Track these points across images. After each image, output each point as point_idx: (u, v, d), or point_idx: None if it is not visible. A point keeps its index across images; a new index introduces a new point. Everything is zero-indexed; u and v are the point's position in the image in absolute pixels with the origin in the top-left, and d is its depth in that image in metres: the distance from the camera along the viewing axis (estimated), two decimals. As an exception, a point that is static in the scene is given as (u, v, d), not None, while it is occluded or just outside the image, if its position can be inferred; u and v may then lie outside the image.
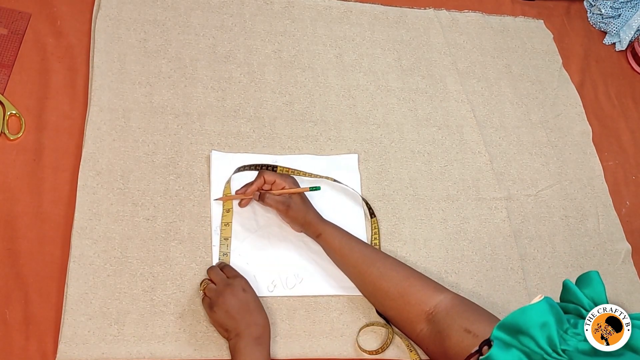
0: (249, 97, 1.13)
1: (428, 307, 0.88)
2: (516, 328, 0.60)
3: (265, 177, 0.97)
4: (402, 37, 1.29)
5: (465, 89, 1.26)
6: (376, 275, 0.92)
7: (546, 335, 0.58)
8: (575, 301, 0.63)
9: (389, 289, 0.91)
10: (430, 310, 0.87)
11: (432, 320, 0.87)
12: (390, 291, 0.91)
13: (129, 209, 0.98)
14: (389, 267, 0.93)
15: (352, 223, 1.03)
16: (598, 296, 0.63)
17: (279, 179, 0.97)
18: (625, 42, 1.42)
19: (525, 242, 1.13)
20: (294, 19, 1.24)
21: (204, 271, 0.96)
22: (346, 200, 1.07)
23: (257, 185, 0.98)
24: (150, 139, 1.04)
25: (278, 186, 0.97)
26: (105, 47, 1.09)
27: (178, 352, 0.89)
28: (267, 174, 0.98)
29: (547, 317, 0.59)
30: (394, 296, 0.91)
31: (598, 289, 0.64)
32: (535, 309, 0.60)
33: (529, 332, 0.59)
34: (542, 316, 0.59)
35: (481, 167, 1.18)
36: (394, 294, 0.91)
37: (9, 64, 1.04)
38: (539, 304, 0.60)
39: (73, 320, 0.88)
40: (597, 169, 1.25)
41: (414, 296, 0.89)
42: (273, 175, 0.97)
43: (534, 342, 0.59)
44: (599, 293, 0.64)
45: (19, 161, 0.98)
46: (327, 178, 1.06)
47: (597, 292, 0.64)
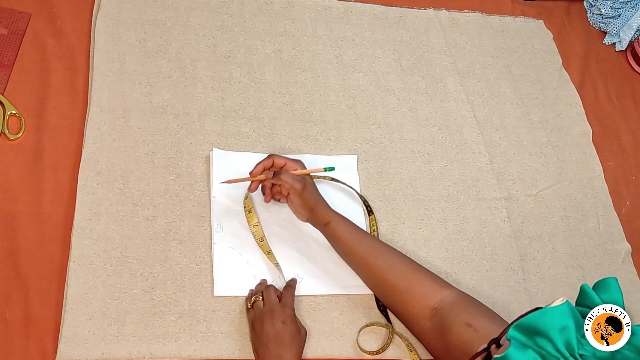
0: (249, 97, 1.13)
1: (433, 302, 0.88)
2: (535, 329, 0.59)
3: (275, 160, 0.95)
4: (402, 37, 1.29)
5: (465, 89, 1.26)
6: (383, 268, 0.92)
7: (565, 339, 0.58)
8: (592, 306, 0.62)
9: (395, 283, 0.91)
10: (434, 305, 0.88)
11: (436, 315, 0.87)
12: (397, 285, 0.91)
13: (129, 209, 0.98)
14: (396, 261, 0.92)
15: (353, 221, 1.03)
16: (615, 302, 0.62)
17: (290, 161, 0.95)
18: (625, 42, 1.42)
19: (525, 242, 1.13)
20: (294, 19, 1.24)
21: (204, 271, 0.96)
22: (347, 199, 1.07)
23: (264, 165, 0.95)
24: (150, 139, 1.04)
25: (289, 169, 0.95)
26: (105, 47, 1.09)
27: (178, 352, 0.89)
28: (277, 157, 0.95)
29: (567, 321, 0.58)
30: (400, 290, 0.90)
31: (615, 295, 0.63)
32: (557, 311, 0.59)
33: (548, 335, 0.58)
34: (563, 319, 0.58)
35: (481, 167, 1.18)
36: (401, 287, 0.90)
37: (9, 64, 1.04)
38: (560, 307, 0.59)
39: (73, 320, 0.88)
40: (597, 169, 1.25)
41: (420, 291, 0.89)
42: (283, 159, 0.95)
43: (552, 345, 0.58)
44: (617, 299, 0.62)
45: (19, 161, 0.98)
46: (324, 178, 1.06)
47: (615, 298, 0.63)
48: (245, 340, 0.92)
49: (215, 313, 0.93)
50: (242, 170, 1.04)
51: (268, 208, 1.01)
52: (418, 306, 0.89)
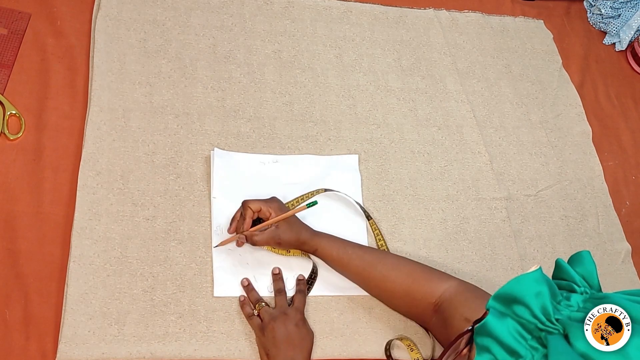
0: (249, 97, 1.13)
1: (434, 298, 0.89)
2: (511, 297, 0.61)
3: (250, 206, 0.94)
4: (402, 37, 1.29)
5: (465, 89, 1.26)
6: (379, 278, 0.93)
7: (540, 304, 0.59)
8: (568, 278, 0.64)
9: (394, 289, 0.92)
10: (436, 302, 0.89)
11: (439, 310, 0.89)
12: (396, 290, 0.92)
13: (129, 209, 0.98)
14: (390, 268, 0.93)
15: (353, 228, 1.04)
16: (589, 274, 0.65)
17: (264, 206, 0.94)
18: (625, 42, 1.42)
19: (525, 242, 1.13)
20: (294, 19, 1.24)
21: (204, 271, 0.96)
22: (344, 208, 1.06)
23: (249, 219, 0.94)
24: (150, 139, 1.04)
25: (264, 214, 0.94)
26: (105, 47, 1.09)
27: (178, 352, 0.89)
28: (252, 203, 0.94)
29: (541, 287, 0.60)
30: (400, 295, 0.92)
31: (589, 268, 0.65)
32: (531, 277, 0.60)
33: (524, 301, 0.60)
34: (537, 285, 0.60)
35: (481, 167, 1.18)
36: (400, 292, 0.92)
37: (9, 64, 1.04)
38: (534, 273, 0.60)
39: (73, 320, 0.88)
40: (597, 169, 1.25)
41: (419, 291, 0.91)
42: (257, 204, 0.94)
43: (529, 311, 0.59)
44: (590, 271, 0.65)
45: (19, 161, 0.98)
46: (317, 192, 1.04)
47: (589, 270, 0.65)
48: (245, 340, 0.92)
49: (216, 313, 0.93)
50: (242, 170, 1.04)
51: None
52: (420, 306, 0.91)
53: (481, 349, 0.61)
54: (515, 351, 0.59)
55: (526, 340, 0.59)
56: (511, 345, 0.59)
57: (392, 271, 0.93)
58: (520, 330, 0.60)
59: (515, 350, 0.59)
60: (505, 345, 0.59)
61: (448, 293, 0.89)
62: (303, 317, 0.93)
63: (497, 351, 0.59)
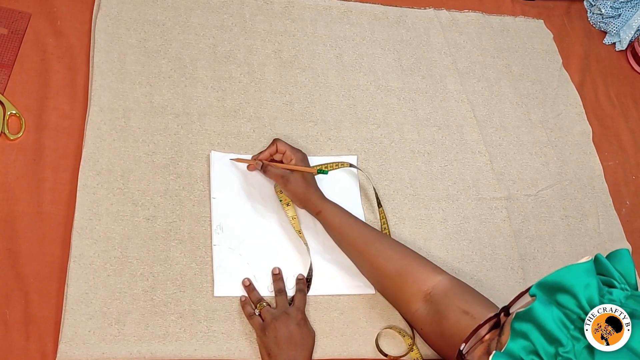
0: (249, 97, 1.13)
1: (426, 287, 0.89)
2: (558, 285, 0.60)
3: (278, 145, 0.99)
4: (402, 37, 1.29)
5: (465, 89, 1.26)
6: (374, 254, 0.93)
7: (588, 295, 0.59)
8: (607, 274, 0.63)
9: (386, 268, 0.92)
10: (428, 291, 0.89)
11: (430, 301, 0.89)
12: (388, 270, 0.92)
13: (129, 209, 0.98)
14: (387, 247, 0.94)
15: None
16: (627, 272, 0.63)
17: (289, 151, 0.99)
18: (625, 42, 1.42)
19: (525, 242, 1.13)
20: (294, 19, 1.24)
21: (204, 271, 0.96)
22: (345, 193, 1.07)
23: (270, 152, 0.99)
24: (150, 139, 1.04)
25: (287, 158, 0.99)
26: (105, 47, 1.09)
27: (178, 352, 0.89)
28: (280, 143, 0.99)
29: (591, 279, 0.59)
30: (392, 275, 0.92)
31: (628, 266, 0.64)
32: (582, 268, 0.60)
33: (573, 290, 0.59)
34: (588, 277, 0.59)
35: (481, 167, 1.18)
36: (392, 272, 0.92)
37: (9, 64, 1.04)
38: (585, 264, 0.60)
39: (73, 320, 0.88)
40: (597, 169, 1.25)
41: (411, 275, 0.91)
42: (285, 146, 0.99)
43: (575, 301, 0.59)
44: (629, 270, 0.64)
45: (19, 161, 0.98)
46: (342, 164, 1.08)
47: (627, 268, 0.64)
48: (246, 340, 0.92)
49: (216, 313, 0.93)
50: (241, 170, 1.04)
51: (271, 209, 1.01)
52: (410, 290, 0.91)
53: (517, 335, 0.60)
54: (557, 339, 0.58)
55: (568, 329, 0.59)
56: (554, 332, 0.58)
57: (389, 251, 0.93)
58: (563, 319, 0.59)
59: (557, 338, 0.58)
60: (547, 332, 0.59)
61: (442, 285, 0.89)
62: (304, 317, 0.93)
63: (536, 337, 0.59)
